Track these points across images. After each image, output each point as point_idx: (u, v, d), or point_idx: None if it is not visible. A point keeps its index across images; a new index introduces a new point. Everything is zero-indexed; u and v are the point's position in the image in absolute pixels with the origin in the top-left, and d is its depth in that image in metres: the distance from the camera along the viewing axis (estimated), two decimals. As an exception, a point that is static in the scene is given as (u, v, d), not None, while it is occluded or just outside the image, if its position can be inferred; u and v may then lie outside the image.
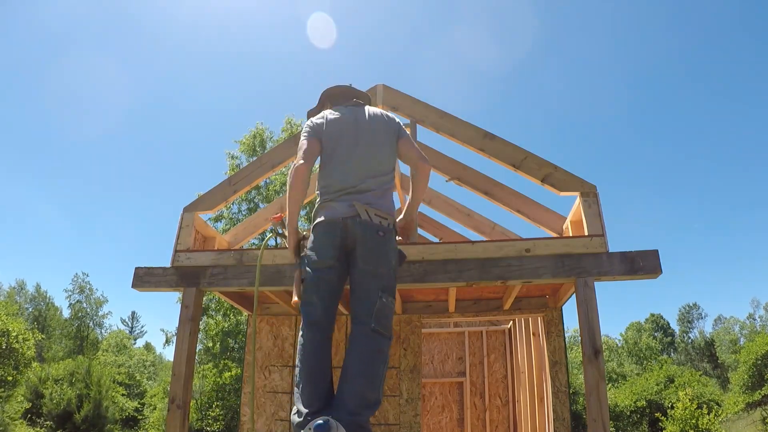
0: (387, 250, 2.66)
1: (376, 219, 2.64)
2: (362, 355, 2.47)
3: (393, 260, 2.69)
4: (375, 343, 2.50)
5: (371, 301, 2.55)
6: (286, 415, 4.36)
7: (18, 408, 17.43)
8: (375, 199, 2.73)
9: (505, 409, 6.88)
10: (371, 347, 2.49)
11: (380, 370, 2.49)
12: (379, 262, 2.62)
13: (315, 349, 2.58)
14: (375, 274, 2.60)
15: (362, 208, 2.64)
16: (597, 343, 2.96)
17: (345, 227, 2.64)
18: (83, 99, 65.95)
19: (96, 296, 43.36)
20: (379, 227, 2.64)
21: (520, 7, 67.59)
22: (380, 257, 2.63)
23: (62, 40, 63.14)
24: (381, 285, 2.59)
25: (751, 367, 18.68)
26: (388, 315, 2.57)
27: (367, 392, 2.41)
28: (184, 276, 3.53)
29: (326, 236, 2.68)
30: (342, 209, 2.67)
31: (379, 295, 2.55)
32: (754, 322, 45.74)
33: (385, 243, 2.65)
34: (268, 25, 65.81)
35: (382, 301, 2.55)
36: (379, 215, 2.66)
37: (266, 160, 4.04)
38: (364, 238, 2.62)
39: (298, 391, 2.53)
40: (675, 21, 68.78)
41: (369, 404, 2.41)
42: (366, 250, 2.62)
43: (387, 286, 2.61)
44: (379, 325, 2.52)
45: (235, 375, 17.81)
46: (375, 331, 2.50)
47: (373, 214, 2.64)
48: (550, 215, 3.96)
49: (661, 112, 73.33)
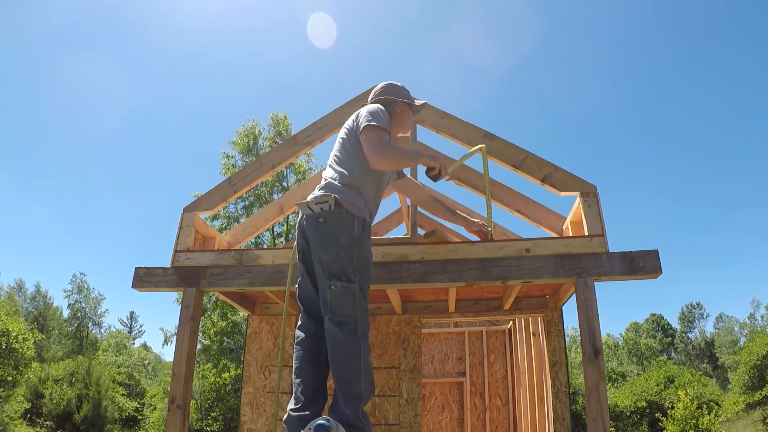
0: (330, 233, 2.56)
1: (316, 208, 2.60)
2: (330, 354, 2.51)
3: (344, 242, 2.55)
4: (338, 335, 2.48)
5: (323, 292, 2.55)
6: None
7: (18, 408, 17.44)
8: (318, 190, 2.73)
9: (505, 409, 6.87)
10: (335, 342, 2.49)
11: (352, 363, 2.46)
12: (322, 251, 2.57)
13: (299, 349, 2.70)
14: (322, 263, 2.57)
15: (303, 205, 2.65)
16: (597, 343, 2.96)
17: (302, 228, 2.73)
18: (83, 99, 66.01)
19: (94, 295, 43.43)
20: (319, 214, 2.59)
21: (520, 7, 67.62)
22: (323, 245, 2.57)
23: (62, 40, 63.14)
24: (327, 273, 2.54)
25: (751, 367, 18.69)
26: (342, 300, 2.50)
27: (344, 389, 2.45)
28: (184, 276, 3.53)
29: (296, 241, 2.83)
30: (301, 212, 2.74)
31: (328, 284, 2.52)
32: (755, 322, 45.75)
33: (326, 228, 2.57)
34: (268, 25, 65.84)
35: (332, 289, 2.50)
36: (319, 202, 2.60)
37: (265, 160, 4.04)
38: (309, 232, 2.65)
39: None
40: (675, 21, 68.79)
41: (349, 400, 2.44)
42: (312, 243, 2.64)
43: (334, 271, 2.53)
44: (335, 314, 2.49)
45: (235, 375, 17.80)
46: (333, 322, 2.48)
47: (313, 204, 2.61)
48: (550, 215, 3.96)
49: (661, 111, 73.35)
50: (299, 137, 4.03)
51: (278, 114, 23.22)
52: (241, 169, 4.13)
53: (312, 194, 2.74)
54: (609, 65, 73.95)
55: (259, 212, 4.81)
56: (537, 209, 3.97)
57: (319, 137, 3.99)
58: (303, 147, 4.02)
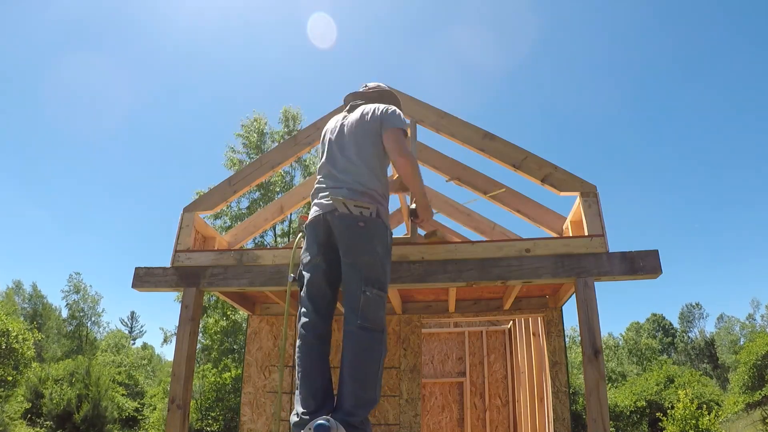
0: (369, 240, 2.60)
1: (355, 210, 2.60)
2: (352, 356, 2.46)
3: (379, 250, 2.61)
4: (363, 340, 2.46)
5: (355, 296, 2.51)
6: (286, 415, 4.36)
7: (18, 408, 17.43)
8: (354, 191, 2.71)
9: (505, 409, 6.87)
10: (360, 346, 2.46)
11: (372, 368, 2.46)
12: (359, 254, 2.57)
13: (307, 350, 2.60)
14: (356, 267, 2.55)
15: (339, 202, 2.62)
16: (597, 343, 2.96)
17: (326, 223, 2.65)
18: (83, 99, 66.02)
19: (91, 294, 43.41)
20: (359, 218, 2.59)
21: (520, 7, 67.63)
22: (361, 248, 2.58)
23: (62, 40, 63.16)
24: (363, 277, 2.53)
25: (751, 367, 18.69)
26: (375, 308, 2.51)
27: (359, 392, 2.41)
28: (184, 276, 3.53)
29: (311, 235, 2.74)
30: (323, 206, 2.70)
31: (363, 289, 2.50)
32: (755, 322, 45.77)
33: (366, 233, 2.60)
34: (268, 25, 65.82)
35: (366, 295, 2.50)
36: (359, 206, 2.61)
37: (266, 160, 4.04)
38: (342, 231, 2.60)
39: (297, 393, 2.56)
40: (675, 21, 68.82)
41: (363, 404, 2.41)
42: (345, 242, 2.60)
43: (370, 277, 2.54)
44: (366, 320, 2.48)
45: (235, 375, 17.80)
46: (362, 328, 2.47)
47: (352, 205, 2.60)
48: (550, 215, 3.96)
49: (661, 111, 73.37)
50: (299, 137, 4.03)
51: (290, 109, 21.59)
52: (241, 169, 4.13)
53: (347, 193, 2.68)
54: (609, 65, 74.00)
55: (259, 212, 4.82)
56: (537, 209, 3.98)
57: (318, 137, 3.98)
58: (303, 147, 4.02)
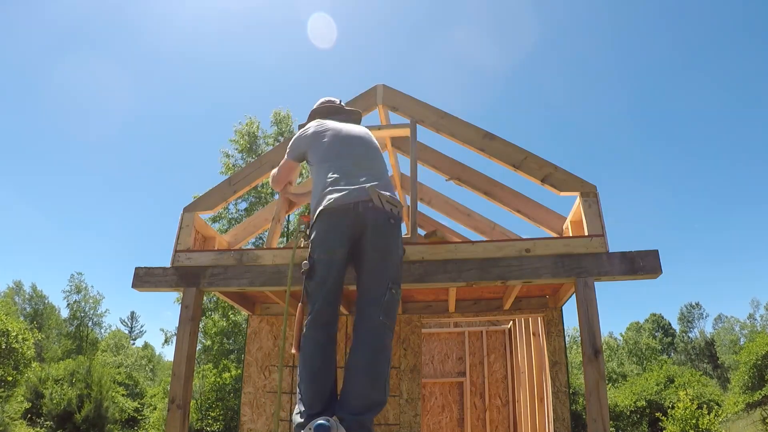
0: (396, 239, 2.61)
1: (387, 206, 2.56)
2: (367, 353, 2.39)
3: (401, 250, 2.65)
4: (381, 338, 2.42)
5: (381, 291, 2.45)
6: (286, 415, 4.36)
7: (18, 408, 17.42)
8: (385, 185, 2.70)
9: (505, 409, 6.87)
10: (377, 344, 2.41)
11: (385, 369, 2.41)
12: (389, 250, 2.54)
13: (319, 349, 2.47)
14: (386, 263, 2.51)
15: (375, 194, 2.55)
16: (597, 343, 2.96)
17: (357, 213, 2.52)
18: (82, 99, 66.00)
19: (92, 295, 43.38)
20: (390, 214, 2.56)
21: (520, 7, 67.61)
22: (391, 245, 2.55)
23: (62, 40, 63.17)
24: (391, 275, 2.50)
25: (751, 367, 18.69)
26: (395, 307, 2.51)
27: (371, 393, 2.35)
28: (184, 276, 3.53)
29: (337, 223, 2.55)
30: (353, 194, 2.56)
31: (389, 286, 2.47)
32: (755, 322, 45.76)
33: (394, 231, 2.59)
34: (268, 25, 65.83)
35: (392, 293, 2.47)
36: (390, 202, 2.58)
37: (266, 160, 4.04)
38: (376, 225, 2.52)
39: (300, 392, 2.45)
40: (675, 20, 68.81)
41: (373, 405, 2.35)
42: (377, 237, 2.52)
43: (396, 276, 2.53)
44: (387, 317, 2.45)
45: (235, 375, 17.80)
46: (383, 324, 2.43)
47: (385, 200, 2.56)
48: (550, 215, 3.96)
49: (661, 111, 73.38)
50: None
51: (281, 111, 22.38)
52: (241, 169, 4.13)
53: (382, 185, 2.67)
54: (609, 65, 74.00)
55: (259, 212, 4.82)
56: (537, 209, 3.98)
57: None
58: (303, 147, 4.01)
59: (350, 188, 2.58)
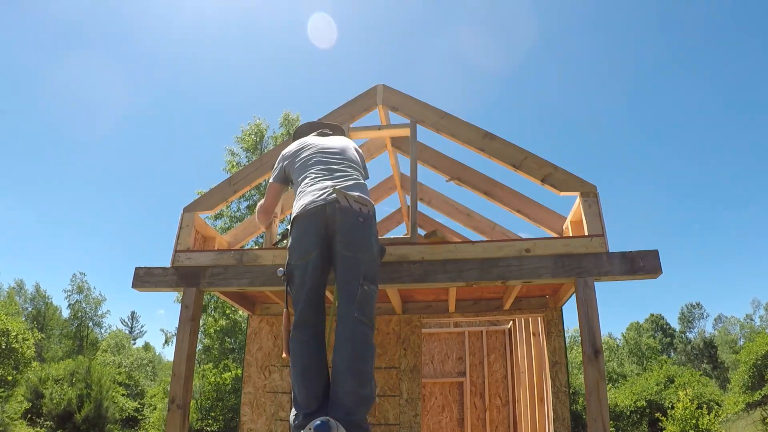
0: (368, 237, 2.64)
1: (356, 205, 2.62)
2: (349, 351, 2.43)
3: (374, 247, 2.67)
4: (360, 334, 2.45)
5: (353, 288, 2.51)
6: (286, 415, 4.36)
7: (18, 408, 17.42)
8: (355, 186, 2.76)
9: (505, 409, 6.87)
10: (357, 340, 2.44)
11: (369, 364, 2.45)
12: (359, 249, 2.58)
13: (304, 347, 2.55)
14: (356, 261, 2.56)
15: (341, 194, 2.62)
16: (597, 343, 2.96)
17: (325, 214, 2.62)
18: (82, 99, 66.01)
19: (94, 296, 43.37)
20: (359, 213, 2.62)
21: (520, 7, 67.59)
22: (360, 243, 2.59)
23: (62, 40, 63.17)
24: (362, 272, 2.54)
25: (751, 367, 18.68)
26: (370, 304, 2.53)
27: (359, 389, 2.39)
28: (184, 276, 3.53)
29: (308, 226, 2.65)
30: (322, 196, 2.67)
31: (360, 283, 2.51)
32: (754, 323, 45.76)
33: (365, 229, 2.63)
34: (268, 25, 65.83)
35: (364, 289, 2.50)
36: (359, 202, 2.64)
37: (266, 160, 4.04)
38: (344, 224, 2.59)
39: (294, 393, 2.50)
40: (675, 20, 68.83)
41: (363, 401, 2.40)
42: (346, 236, 2.59)
43: (367, 272, 2.56)
44: (362, 314, 2.48)
45: (235, 375, 17.80)
46: (357, 320, 2.46)
47: (352, 200, 2.62)
48: (550, 215, 3.96)
49: (661, 111, 73.37)
50: (299, 137, 4.03)
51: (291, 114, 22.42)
52: (241, 168, 4.13)
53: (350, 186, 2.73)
54: (609, 65, 73.97)
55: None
56: (537, 209, 3.98)
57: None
58: (303, 147, 4.01)
59: (319, 192, 2.71)
